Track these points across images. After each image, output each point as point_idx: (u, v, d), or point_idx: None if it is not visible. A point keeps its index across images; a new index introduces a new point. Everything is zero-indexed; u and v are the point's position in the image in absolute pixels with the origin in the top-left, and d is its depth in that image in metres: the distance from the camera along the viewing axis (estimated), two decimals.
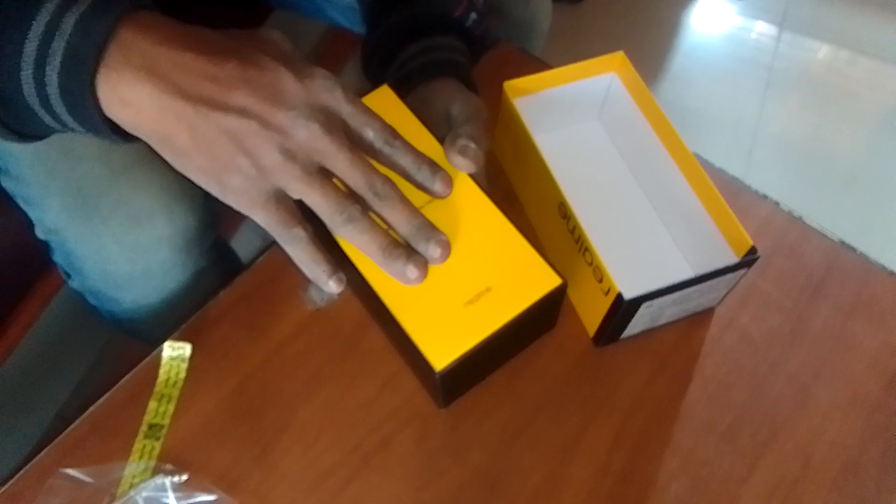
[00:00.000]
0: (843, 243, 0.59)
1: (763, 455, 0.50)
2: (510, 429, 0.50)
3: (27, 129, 0.40)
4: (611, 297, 0.47)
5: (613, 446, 0.50)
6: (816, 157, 1.51)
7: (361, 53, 0.59)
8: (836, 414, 0.52)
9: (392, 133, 0.43)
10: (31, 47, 0.36)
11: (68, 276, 0.65)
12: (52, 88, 0.36)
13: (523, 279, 0.44)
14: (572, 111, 0.62)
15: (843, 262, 0.58)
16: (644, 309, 0.48)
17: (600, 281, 0.48)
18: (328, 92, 0.40)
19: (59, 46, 0.36)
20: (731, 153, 1.50)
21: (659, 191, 0.58)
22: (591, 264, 0.49)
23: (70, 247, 0.60)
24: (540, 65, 0.67)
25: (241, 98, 0.37)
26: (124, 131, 0.39)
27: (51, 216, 0.59)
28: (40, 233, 0.61)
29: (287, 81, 0.39)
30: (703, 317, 0.55)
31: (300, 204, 0.41)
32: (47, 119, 0.38)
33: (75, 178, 0.56)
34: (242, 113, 0.37)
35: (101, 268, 0.60)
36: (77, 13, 0.36)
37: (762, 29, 1.72)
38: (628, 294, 0.46)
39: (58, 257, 0.64)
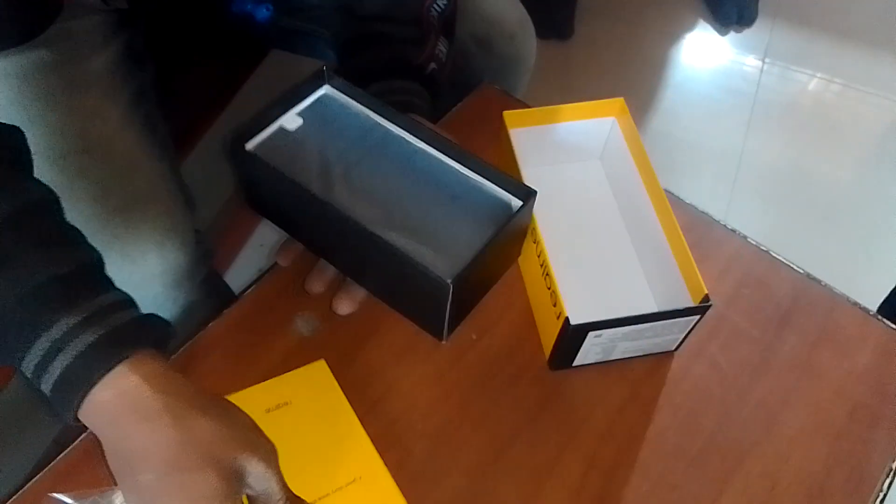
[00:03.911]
0: (808, 275, 0.61)
1: (731, 480, 0.52)
2: (486, 454, 0.52)
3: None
4: (561, 321, 0.50)
5: (587, 471, 0.52)
6: (798, 187, 1.54)
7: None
8: (802, 440, 0.54)
9: None
10: (33, 357, 0.39)
11: None
12: (45, 387, 0.40)
13: None
14: (576, 149, 0.66)
15: (809, 293, 0.60)
16: (593, 338, 0.50)
17: (555, 305, 0.51)
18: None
19: (58, 366, 0.39)
20: (716, 183, 1.53)
21: (640, 234, 0.61)
22: (549, 288, 0.52)
23: None
24: (521, 106, 0.70)
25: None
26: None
27: None
28: None
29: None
30: (664, 358, 0.57)
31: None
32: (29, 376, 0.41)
33: (71, 216, 0.59)
34: None
35: None
36: (85, 343, 0.39)
37: (747, 62, 1.77)
38: (576, 321, 0.48)
39: None
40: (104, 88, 0.64)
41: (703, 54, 1.79)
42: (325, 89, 0.55)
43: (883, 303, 0.95)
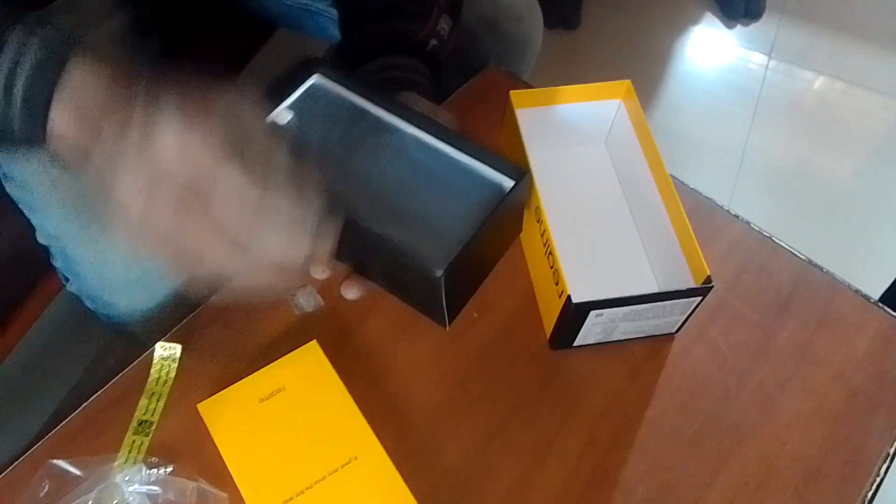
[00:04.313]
0: (810, 261, 0.61)
1: (727, 461, 0.52)
2: (484, 431, 0.52)
3: None
4: (563, 300, 0.50)
5: (584, 450, 0.52)
6: (801, 183, 1.54)
7: (333, 63, 0.62)
8: (799, 424, 0.54)
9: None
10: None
11: (67, 279, 0.68)
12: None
13: None
14: (580, 132, 0.66)
15: (810, 279, 0.60)
16: (594, 317, 0.51)
17: (557, 284, 0.51)
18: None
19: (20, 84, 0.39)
20: (719, 177, 1.54)
21: (644, 216, 0.61)
22: (552, 267, 0.52)
23: (69, 252, 0.62)
24: (525, 87, 0.70)
25: None
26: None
27: (52, 223, 0.61)
28: (41, 238, 0.64)
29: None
30: (664, 340, 0.57)
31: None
32: None
33: (77, 187, 0.59)
34: None
35: (99, 273, 0.62)
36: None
37: (752, 58, 1.76)
38: (578, 300, 0.49)
39: (57, 262, 0.66)
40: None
41: (709, 48, 1.79)
42: (314, 79, 0.55)
43: (885, 292, 0.95)
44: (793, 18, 1.83)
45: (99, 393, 0.53)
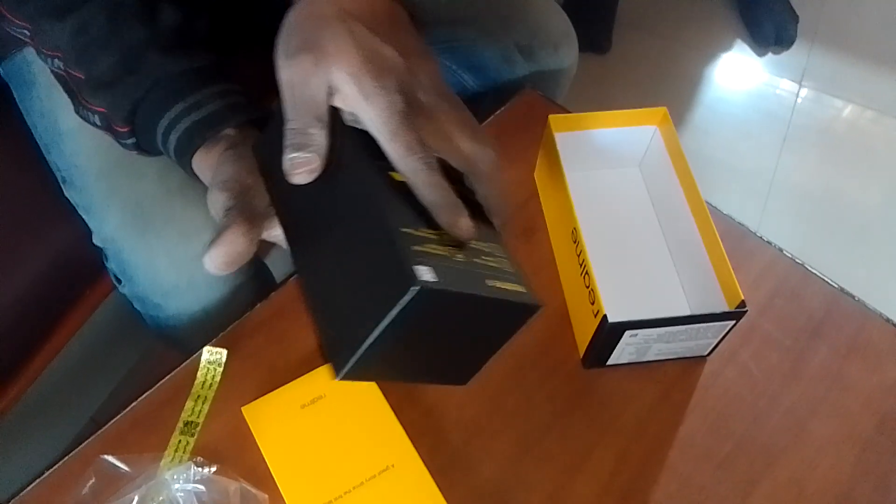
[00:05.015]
0: (842, 289, 0.62)
1: (758, 484, 0.53)
2: (520, 445, 0.54)
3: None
4: (598, 319, 0.51)
5: (616, 467, 0.53)
6: (829, 210, 1.54)
7: None
8: (830, 449, 0.54)
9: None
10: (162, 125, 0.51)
11: (119, 281, 0.70)
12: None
13: None
14: (616, 155, 0.67)
15: (841, 306, 0.61)
16: (629, 337, 0.52)
17: (593, 303, 0.52)
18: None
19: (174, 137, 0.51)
20: (748, 203, 1.54)
21: (677, 240, 0.62)
22: (588, 287, 0.53)
23: (124, 255, 0.65)
24: (563, 112, 0.71)
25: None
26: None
27: (109, 227, 0.64)
28: (97, 240, 0.67)
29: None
30: (696, 362, 0.58)
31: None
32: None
33: (135, 193, 0.61)
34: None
35: (150, 276, 0.65)
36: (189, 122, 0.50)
37: (783, 85, 1.77)
38: (614, 319, 0.50)
39: (111, 263, 0.69)
40: None
41: (739, 74, 1.80)
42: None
43: None
44: (824, 47, 1.83)
45: (146, 394, 0.55)
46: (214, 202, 0.46)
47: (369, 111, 0.39)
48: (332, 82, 0.40)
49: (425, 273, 0.35)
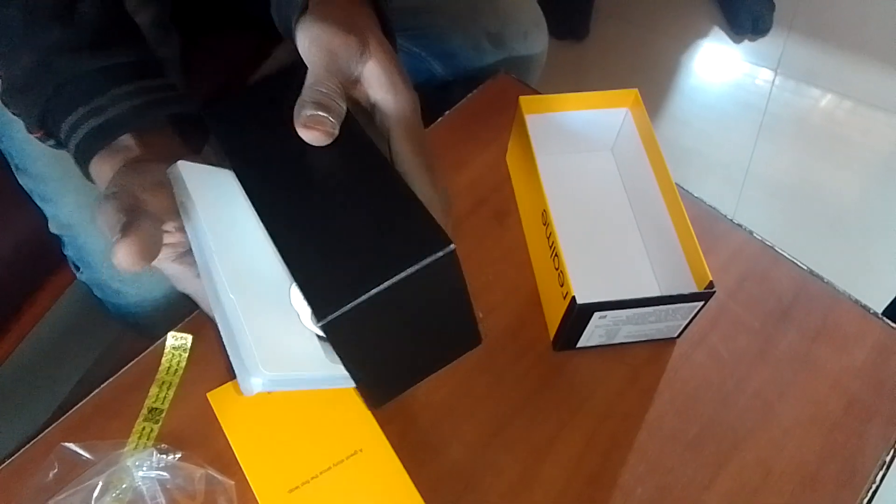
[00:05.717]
0: (811, 271, 0.62)
1: (725, 465, 0.53)
2: (489, 428, 0.53)
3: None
4: (567, 301, 0.51)
5: (585, 450, 0.53)
6: (805, 199, 1.55)
7: None
8: (797, 430, 0.55)
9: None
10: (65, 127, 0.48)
11: (77, 268, 0.69)
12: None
13: None
14: (587, 139, 0.67)
15: (811, 289, 0.61)
16: (598, 319, 0.52)
17: (562, 285, 0.52)
18: None
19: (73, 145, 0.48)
20: (723, 191, 1.55)
21: (648, 222, 0.62)
22: (557, 269, 0.53)
23: (81, 241, 0.64)
24: (535, 95, 0.71)
25: None
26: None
27: (65, 212, 0.63)
28: (54, 228, 0.65)
29: None
30: (665, 344, 0.58)
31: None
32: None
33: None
34: None
35: (109, 262, 0.63)
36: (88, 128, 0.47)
37: (759, 74, 1.78)
38: (582, 301, 0.50)
39: (69, 251, 0.67)
40: None
41: (716, 62, 1.80)
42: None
43: (888, 307, 0.96)
44: (800, 35, 1.85)
45: (110, 381, 0.54)
46: (105, 214, 0.43)
47: (397, 104, 0.43)
48: (365, 71, 0.43)
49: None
